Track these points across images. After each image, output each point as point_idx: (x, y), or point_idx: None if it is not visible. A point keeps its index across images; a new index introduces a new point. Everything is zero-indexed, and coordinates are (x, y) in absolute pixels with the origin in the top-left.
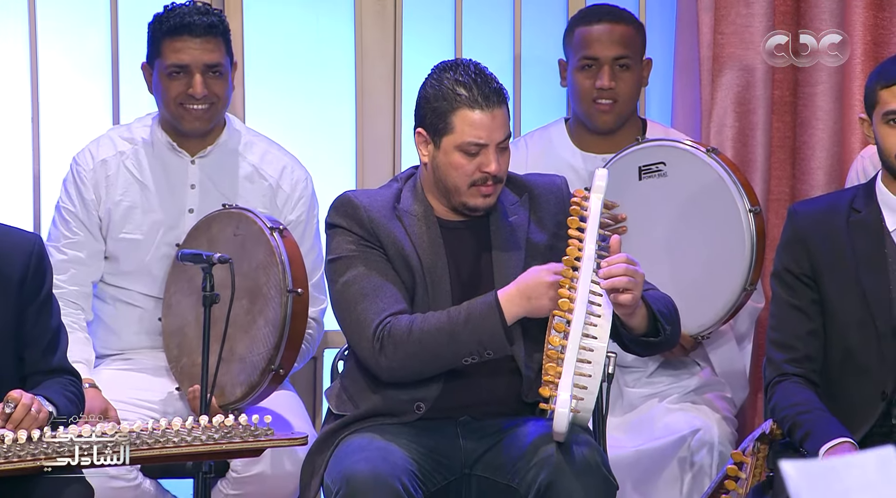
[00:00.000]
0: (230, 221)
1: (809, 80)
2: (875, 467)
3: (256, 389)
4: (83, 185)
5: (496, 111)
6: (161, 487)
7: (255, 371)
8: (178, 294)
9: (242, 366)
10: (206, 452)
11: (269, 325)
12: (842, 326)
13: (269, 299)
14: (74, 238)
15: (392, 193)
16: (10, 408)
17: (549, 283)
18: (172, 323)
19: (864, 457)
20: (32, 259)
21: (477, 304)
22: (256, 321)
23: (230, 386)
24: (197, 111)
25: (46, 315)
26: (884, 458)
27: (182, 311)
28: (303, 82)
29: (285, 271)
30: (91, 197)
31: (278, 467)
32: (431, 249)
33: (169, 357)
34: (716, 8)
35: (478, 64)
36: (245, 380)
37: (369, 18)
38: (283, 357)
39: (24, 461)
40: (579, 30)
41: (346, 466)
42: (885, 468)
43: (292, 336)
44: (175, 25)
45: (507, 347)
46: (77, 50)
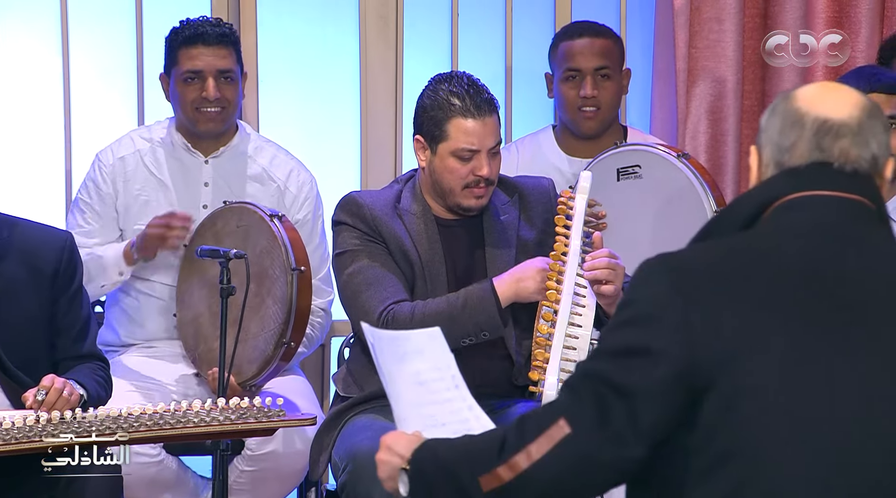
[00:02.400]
0: (232, 216)
1: (776, 91)
2: (426, 338)
3: (271, 363)
4: (102, 179)
5: (487, 119)
6: (182, 464)
7: (269, 346)
8: (190, 289)
9: (256, 343)
10: (224, 431)
11: (278, 303)
12: None
13: (275, 279)
14: (87, 227)
15: (393, 194)
16: (42, 395)
17: (539, 267)
18: (186, 315)
19: (419, 332)
20: (65, 254)
21: (474, 289)
22: (265, 301)
23: (246, 363)
24: (210, 113)
25: (77, 305)
26: (432, 333)
27: (194, 303)
28: (312, 91)
29: (287, 252)
30: (109, 191)
31: (289, 446)
32: (429, 245)
33: (186, 347)
34: (690, 24)
35: (471, 76)
36: (259, 356)
37: (373, 33)
38: (292, 330)
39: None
40: (563, 44)
41: (353, 444)
42: (433, 340)
43: (299, 310)
44: (190, 36)
45: (501, 328)
46: (105, 59)
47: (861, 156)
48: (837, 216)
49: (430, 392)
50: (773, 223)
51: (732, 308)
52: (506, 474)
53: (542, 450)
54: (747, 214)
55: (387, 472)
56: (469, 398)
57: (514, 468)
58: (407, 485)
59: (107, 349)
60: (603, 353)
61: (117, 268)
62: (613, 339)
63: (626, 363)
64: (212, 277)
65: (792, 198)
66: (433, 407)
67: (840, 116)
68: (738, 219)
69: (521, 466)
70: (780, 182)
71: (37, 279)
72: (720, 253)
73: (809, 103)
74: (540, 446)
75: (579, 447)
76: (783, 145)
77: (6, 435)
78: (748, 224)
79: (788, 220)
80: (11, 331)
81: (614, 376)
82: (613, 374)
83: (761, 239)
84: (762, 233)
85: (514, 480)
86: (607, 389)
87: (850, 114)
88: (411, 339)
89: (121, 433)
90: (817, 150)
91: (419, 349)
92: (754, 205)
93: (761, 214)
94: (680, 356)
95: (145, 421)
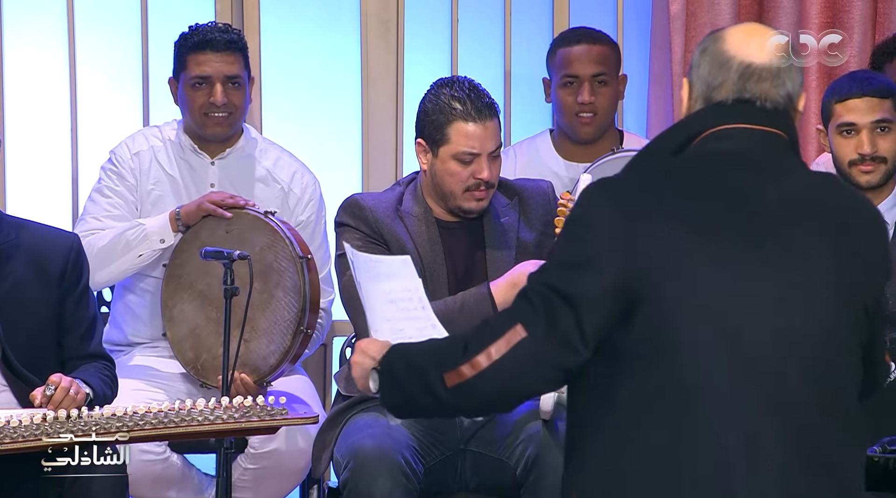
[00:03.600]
0: (219, 224)
1: None
2: (399, 264)
3: (290, 352)
4: (123, 169)
5: (488, 123)
6: (187, 461)
7: (287, 335)
8: (178, 305)
9: (270, 337)
10: (227, 429)
11: (290, 293)
12: None
13: (283, 271)
14: (115, 212)
15: (395, 196)
16: (51, 390)
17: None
18: (180, 331)
19: (392, 258)
20: (71, 255)
21: (471, 293)
22: (275, 295)
23: (262, 359)
24: (218, 118)
25: (84, 306)
26: (404, 260)
27: (187, 317)
28: (314, 95)
29: (292, 243)
30: (131, 181)
31: (292, 444)
32: (430, 246)
33: (185, 361)
34: (686, 30)
35: (472, 80)
36: (277, 348)
37: (374, 38)
38: (308, 317)
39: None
40: (561, 51)
41: (354, 442)
42: (405, 266)
43: (313, 296)
44: (199, 42)
45: None
46: (111, 64)
47: (779, 94)
48: (757, 146)
49: (400, 310)
50: (701, 151)
51: (664, 226)
52: (468, 372)
53: (500, 351)
54: (678, 142)
55: (360, 372)
56: (433, 318)
57: (476, 366)
58: (377, 382)
59: (112, 348)
60: (553, 265)
61: (160, 235)
62: (561, 252)
63: (573, 274)
64: (203, 287)
65: (718, 129)
66: (402, 322)
67: (762, 61)
68: (670, 146)
69: (481, 364)
70: (708, 115)
71: (44, 280)
72: (654, 177)
73: (736, 47)
74: (499, 348)
75: (532, 349)
76: (712, 84)
77: (13, 433)
78: (678, 152)
79: (715, 149)
80: (19, 331)
81: (562, 286)
82: (561, 284)
83: (690, 165)
84: (691, 159)
85: (474, 377)
86: (556, 297)
87: (769, 58)
88: (384, 262)
89: (120, 434)
90: (742, 90)
91: (392, 272)
92: (685, 134)
93: (691, 143)
94: (619, 268)
95: (150, 419)
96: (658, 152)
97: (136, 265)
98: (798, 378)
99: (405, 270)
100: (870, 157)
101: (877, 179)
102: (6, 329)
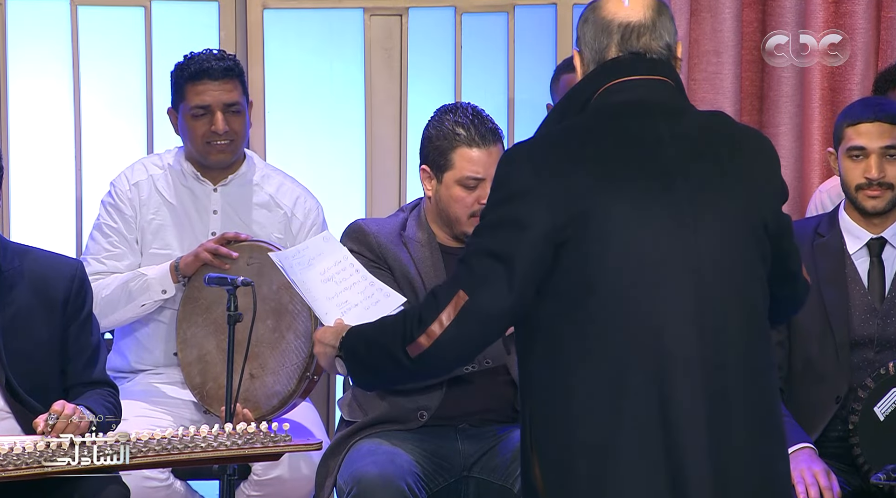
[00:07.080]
0: (242, 252)
1: (773, 122)
2: (321, 242)
3: (293, 397)
4: (122, 203)
5: (492, 148)
6: (190, 488)
7: (292, 379)
8: (192, 328)
9: (276, 378)
10: (230, 456)
11: (301, 337)
12: (804, 338)
13: (297, 314)
14: (115, 251)
15: (399, 222)
16: (53, 419)
17: None
18: (190, 354)
19: (314, 239)
20: (75, 282)
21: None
22: (285, 337)
23: (265, 398)
24: (220, 146)
25: (87, 332)
26: (325, 236)
27: (199, 342)
28: (318, 121)
29: None
30: (130, 214)
31: (295, 470)
32: (434, 272)
33: (192, 386)
34: (689, 56)
35: (475, 106)
36: (282, 389)
37: (378, 65)
38: (316, 364)
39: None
40: (564, 77)
41: (357, 469)
42: (327, 241)
43: None
44: (196, 71)
45: (504, 356)
46: (115, 92)
47: (659, 46)
48: (649, 93)
49: (337, 283)
50: (600, 105)
51: (580, 176)
52: (425, 341)
53: (450, 317)
54: (580, 101)
55: (326, 361)
56: (369, 276)
57: (431, 335)
58: (344, 366)
59: (116, 375)
60: (484, 227)
61: (161, 286)
62: (490, 215)
63: (500, 233)
64: (218, 315)
65: (612, 84)
66: (344, 293)
67: (638, 18)
68: (574, 106)
69: (436, 333)
70: (600, 73)
71: (48, 307)
72: (562, 134)
73: (612, 12)
74: (448, 315)
75: (476, 309)
76: (598, 48)
77: (17, 460)
78: (580, 111)
79: (612, 101)
80: (23, 357)
81: (493, 246)
82: (492, 244)
83: (594, 119)
84: (594, 114)
85: (432, 345)
86: (490, 257)
87: (644, 15)
88: (309, 247)
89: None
90: (626, 48)
91: (319, 252)
92: (584, 94)
93: (589, 101)
94: (544, 220)
95: (153, 446)
96: (563, 114)
97: (139, 313)
98: (720, 290)
99: (329, 244)
100: (877, 182)
101: (882, 205)
102: (10, 356)
